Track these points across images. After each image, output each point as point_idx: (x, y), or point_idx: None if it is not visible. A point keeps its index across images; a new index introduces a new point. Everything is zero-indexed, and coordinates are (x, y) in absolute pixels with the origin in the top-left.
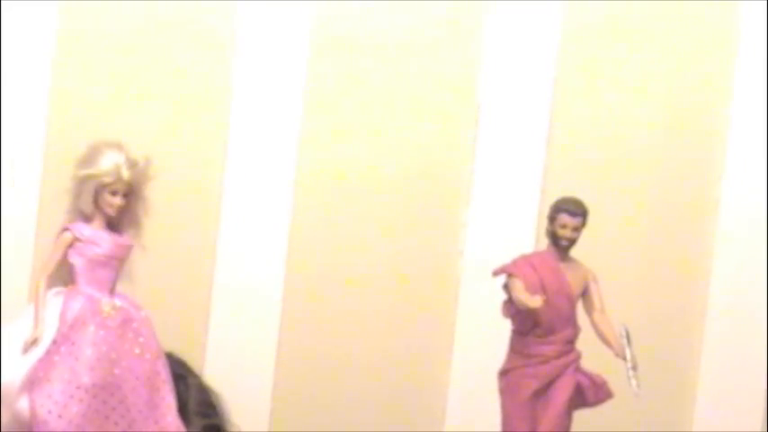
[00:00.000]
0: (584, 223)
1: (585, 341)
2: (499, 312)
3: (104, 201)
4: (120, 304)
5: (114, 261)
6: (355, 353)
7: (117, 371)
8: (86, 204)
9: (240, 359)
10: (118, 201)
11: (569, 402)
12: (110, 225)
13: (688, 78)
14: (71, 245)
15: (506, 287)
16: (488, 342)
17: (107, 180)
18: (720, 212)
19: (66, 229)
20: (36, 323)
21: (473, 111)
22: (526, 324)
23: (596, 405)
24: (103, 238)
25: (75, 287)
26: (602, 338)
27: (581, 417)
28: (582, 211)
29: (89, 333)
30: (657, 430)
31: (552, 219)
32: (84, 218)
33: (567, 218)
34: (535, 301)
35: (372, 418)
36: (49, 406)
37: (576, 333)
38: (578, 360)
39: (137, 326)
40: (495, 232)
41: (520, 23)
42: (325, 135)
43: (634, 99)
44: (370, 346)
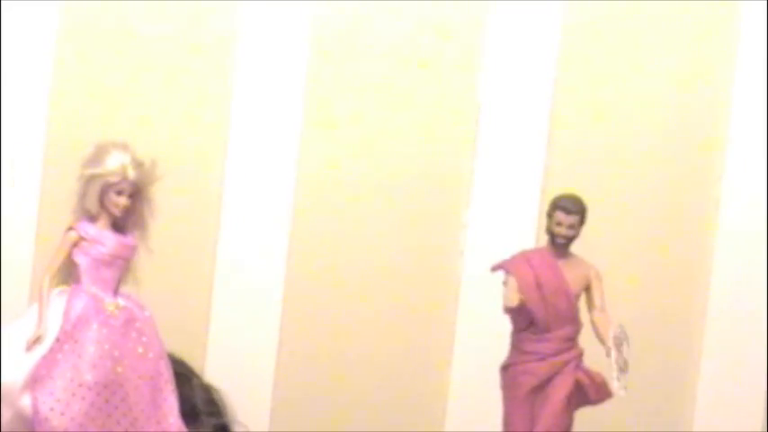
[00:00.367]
0: (583, 220)
1: (591, 339)
2: (499, 312)
3: (110, 200)
4: (124, 303)
5: (119, 261)
6: (355, 353)
7: (120, 369)
8: (92, 204)
9: (240, 359)
10: (123, 201)
11: (568, 400)
12: (115, 226)
13: (688, 78)
14: (76, 244)
15: (505, 283)
16: (488, 342)
17: (113, 180)
18: (720, 212)
19: (72, 229)
20: (40, 321)
21: (473, 111)
22: (521, 321)
23: (599, 403)
24: (108, 237)
25: (80, 286)
26: (598, 337)
27: (581, 417)
28: (578, 209)
29: (92, 331)
30: (657, 430)
31: (549, 216)
32: (90, 217)
33: (562, 215)
34: (510, 300)
35: (372, 418)
36: (51, 403)
37: (577, 330)
38: (579, 357)
39: (140, 325)
40: (495, 232)
41: (520, 23)
42: (326, 135)
43: (634, 99)
44: (371, 346)
